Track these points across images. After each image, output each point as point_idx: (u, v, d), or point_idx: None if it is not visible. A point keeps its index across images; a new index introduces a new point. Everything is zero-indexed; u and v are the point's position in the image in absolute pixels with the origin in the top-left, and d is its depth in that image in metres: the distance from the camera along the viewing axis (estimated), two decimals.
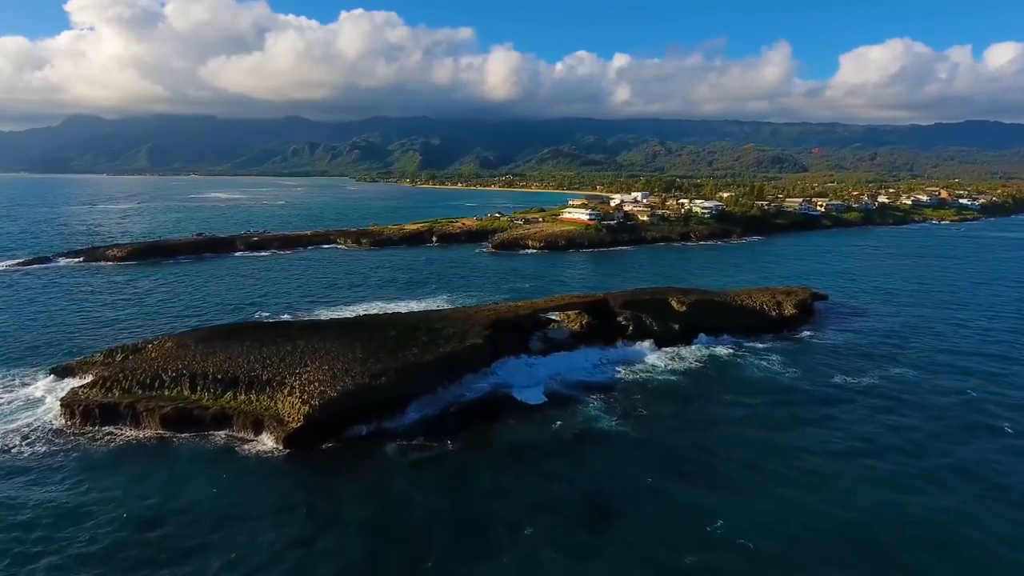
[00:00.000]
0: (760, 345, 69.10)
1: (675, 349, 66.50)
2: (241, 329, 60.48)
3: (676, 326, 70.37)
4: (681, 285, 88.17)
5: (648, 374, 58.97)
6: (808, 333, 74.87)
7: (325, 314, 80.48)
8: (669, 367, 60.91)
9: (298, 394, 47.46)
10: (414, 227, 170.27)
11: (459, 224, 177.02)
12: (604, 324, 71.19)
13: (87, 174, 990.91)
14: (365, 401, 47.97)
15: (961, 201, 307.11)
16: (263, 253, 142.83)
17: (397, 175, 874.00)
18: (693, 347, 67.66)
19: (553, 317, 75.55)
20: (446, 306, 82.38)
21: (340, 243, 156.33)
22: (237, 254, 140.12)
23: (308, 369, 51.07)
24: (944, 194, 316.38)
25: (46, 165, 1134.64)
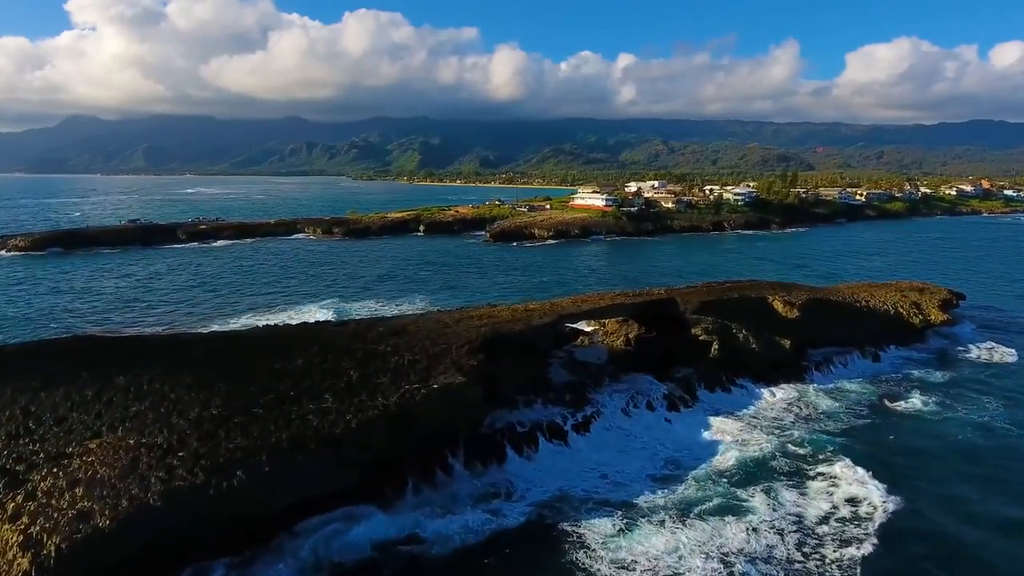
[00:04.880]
0: (931, 377, 41.20)
1: (796, 386, 39.23)
2: (23, 352, 33.43)
3: (786, 342, 43.22)
4: (754, 279, 61.04)
5: (777, 439, 31.55)
6: (977, 349, 47.71)
7: (233, 323, 53.85)
8: (803, 424, 33.50)
9: (27, 517, 20.48)
10: (398, 215, 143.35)
11: (452, 212, 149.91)
12: (664, 338, 44.21)
13: (83, 174, 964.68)
14: (187, 531, 21.07)
15: (1006, 192, 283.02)
16: (211, 244, 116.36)
17: (395, 174, 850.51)
18: (824, 384, 40.34)
19: (583, 328, 48.62)
20: (431, 309, 55.49)
21: (308, 233, 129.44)
22: (177, 245, 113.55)
23: (93, 447, 24.18)
24: (986, 184, 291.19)
25: (42, 165, 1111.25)
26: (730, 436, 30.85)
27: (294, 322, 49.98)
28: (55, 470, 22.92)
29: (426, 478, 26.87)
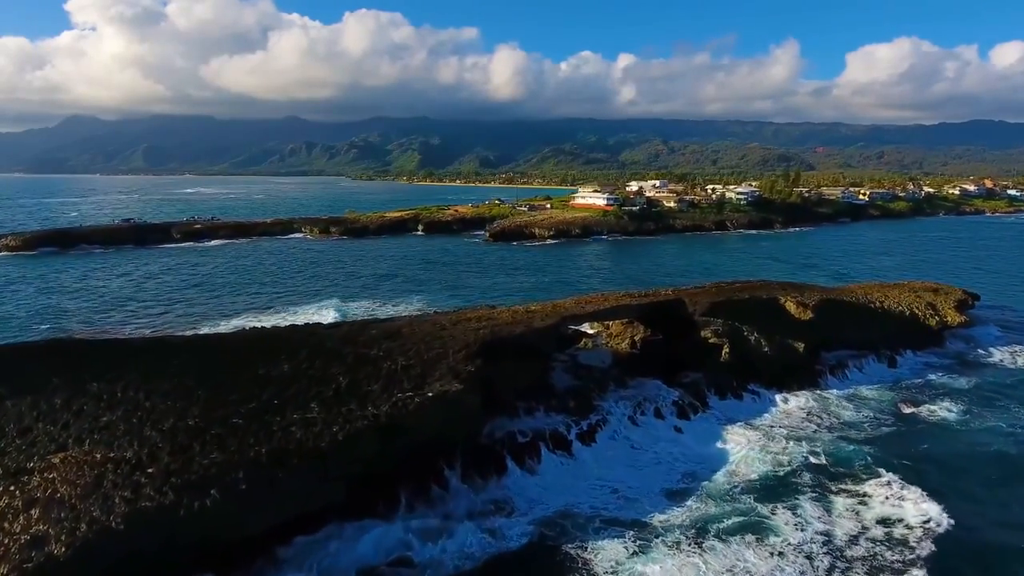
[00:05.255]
0: (955, 382, 38.93)
1: (812, 392, 37.26)
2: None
3: (799, 345, 41.26)
4: (762, 279, 58.98)
5: (798, 450, 29.58)
6: (1000, 353, 45.71)
7: (227, 325, 51.87)
8: (825, 433, 31.47)
9: None
10: (396, 215, 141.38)
11: (451, 211, 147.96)
12: (670, 341, 42.30)
13: (83, 174, 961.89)
14: (155, 556, 19.12)
15: (1010, 192, 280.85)
16: (207, 243, 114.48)
17: (395, 174, 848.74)
18: (842, 390, 38.37)
19: (586, 330, 46.69)
20: (428, 311, 53.55)
21: (305, 232, 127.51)
22: (171, 245, 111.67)
23: (56, 462, 22.22)
24: (990, 184, 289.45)
25: (42, 165, 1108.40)
26: (747, 446, 28.88)
27: (290, 323, 48.08)
28: (12, 488, 20.94)
29: (420, 493, 24.91)
